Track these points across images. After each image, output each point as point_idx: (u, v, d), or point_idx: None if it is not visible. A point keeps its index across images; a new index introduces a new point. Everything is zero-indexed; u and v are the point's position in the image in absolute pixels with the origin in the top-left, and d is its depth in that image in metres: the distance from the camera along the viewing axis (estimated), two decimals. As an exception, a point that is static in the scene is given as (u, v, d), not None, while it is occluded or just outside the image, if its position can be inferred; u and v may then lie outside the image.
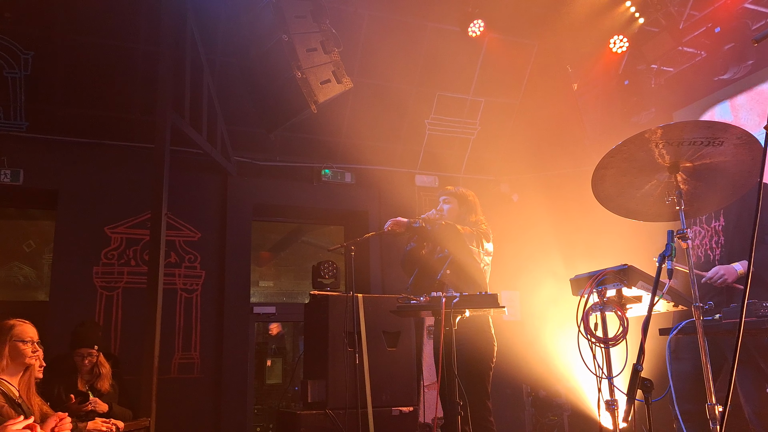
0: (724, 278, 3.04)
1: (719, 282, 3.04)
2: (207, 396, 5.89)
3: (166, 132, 4.96)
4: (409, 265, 3.88)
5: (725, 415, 1.69)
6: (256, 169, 6.59)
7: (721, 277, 3.04)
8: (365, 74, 6.27)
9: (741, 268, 3.06)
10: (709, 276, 3.07)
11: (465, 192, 3.92)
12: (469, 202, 3.86)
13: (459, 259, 3.59)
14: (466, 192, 3.92)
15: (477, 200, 3.93)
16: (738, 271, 3.05)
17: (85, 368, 4.08)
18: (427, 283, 3.67)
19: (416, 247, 3.86)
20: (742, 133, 2.21)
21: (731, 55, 5.45)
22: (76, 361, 4.06)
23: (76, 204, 5.86)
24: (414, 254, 3.86)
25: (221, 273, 6.22)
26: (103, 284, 5.79)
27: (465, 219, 3.82)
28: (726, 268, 3.07)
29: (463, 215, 3.83)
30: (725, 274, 3.04)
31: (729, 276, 3.04)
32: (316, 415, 4.30)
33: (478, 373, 3.48)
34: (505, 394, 6.14)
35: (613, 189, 2.53)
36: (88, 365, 4.08)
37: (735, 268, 3.06)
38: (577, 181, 5.21)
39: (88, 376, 4.10)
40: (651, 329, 2.14)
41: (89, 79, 5.65)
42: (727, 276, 3.04)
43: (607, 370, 2.44)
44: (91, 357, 4.09)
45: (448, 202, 3.87)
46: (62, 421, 2.77)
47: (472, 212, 3.85)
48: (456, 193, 3.90)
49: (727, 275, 3.04)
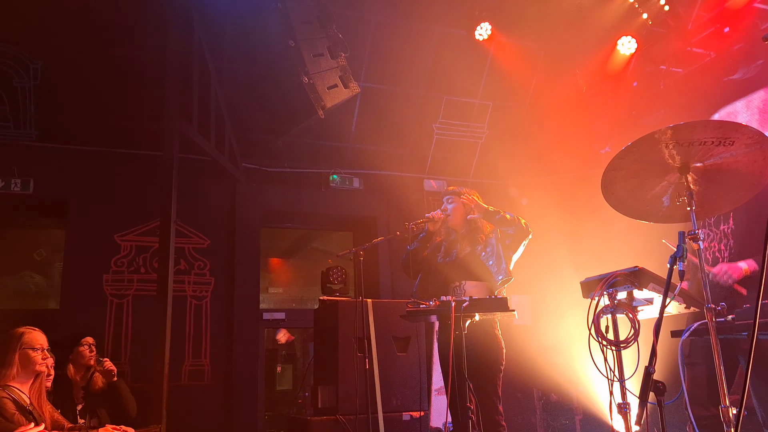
0: (729, 274, 3.00)
1: (725, 279, 3.00)
2: (217, 403, 5.88)
3: (174, 139, 4.99)
4: (414, 267, 3.86)
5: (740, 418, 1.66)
6: (264, 175, 6.60)
7: (725, 273, 3.00)
8: (372, 79, 6.27)
9: (746, 266, 3.01)
10: (714, 272, 3.03)
11: (468, 191, 3.90)
12: (473, 202, 3.85)
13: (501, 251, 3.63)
14: (469, 191, 3.91)
15: (480, 198, 3.92)
16: (743, 268, 3.01)
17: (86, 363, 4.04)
18: (432, 288, 3.66)
19: (419, 248, 3.84)
20: (753, 133, 2.18)
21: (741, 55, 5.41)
22: (82, 352, 4.04)
23: (85, 212, 5.90)
24: (417, 255, 3.84)
25: (230, 280, 6.23)
26: (113, 292, 5.81)
27: (470, 220, 3.80)
28: (730, 264, 3.04)
29: (468, 213, 3.82)
30: (729, 270, 3.01)
31: (733, 272, 3.00)
32: (326, 421, 4.28)
33: (488, 377, 3.47)
34: (515, 399, 6.09)
35: (623, 191, 2.51)
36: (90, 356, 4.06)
37: (740, 265, 3.02)
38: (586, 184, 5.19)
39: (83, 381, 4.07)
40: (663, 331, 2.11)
41: (98, 88, 5.69)
42: (732, 272, 3.00)
43: (618, 372, 2.41)
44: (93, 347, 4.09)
45: (453, 202, 3.86)
46: None
47: (477, 209, 3.85)
48: (459, 192, 3.88)
49: (731, 271, 3.01)
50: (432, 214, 3.77)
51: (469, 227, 3.81)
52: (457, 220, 3.82)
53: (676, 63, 5.95)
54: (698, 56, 5.74)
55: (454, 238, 3.84)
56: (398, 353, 4.65)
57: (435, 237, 3.87)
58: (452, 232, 3.86)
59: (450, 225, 3.84)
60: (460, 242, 3.80)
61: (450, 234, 3.86)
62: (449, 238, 3.86)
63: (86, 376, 4.08)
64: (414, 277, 3.87)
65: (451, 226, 3.85)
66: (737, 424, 1.72)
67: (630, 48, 5.97)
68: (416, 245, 3.84)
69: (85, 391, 4.02)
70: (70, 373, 4.00)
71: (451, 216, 3.82)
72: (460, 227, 3.84)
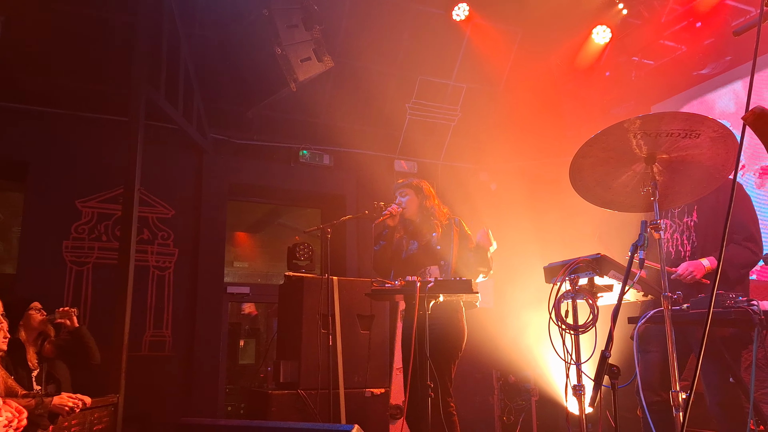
0: (693, 274, 3.08)
1: (689, 278, 3.08)
2: (178, 374, 5.84)
3: (140, 105, 4.86)
4: (384, 266, 3.88)
5: (689, 402, 1.71)
6: (232, 147, 6.49)
7: (690, 273, 3.09)
8: (347, 55, 6.18)
9: (708, 264, 3.10)
10: (679, 272, 3.11)
11: (418, 182, 4.00)
12: (424, 190, 3.94)
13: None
14: (419, 182, 4.00)
15: (430, 187, 4.02)
16: (706, 266, 3.10)
17: (37, 327, 3.94)
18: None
19: (385, 246, 3.85)
20: (718, 127, 2.23)
21: (711, 50, 5.51)
22: (32, 316, 3.93)
23: (46, 176, 5.72)
24: (385, 255, 3.85)
25: (195, 252, 6.15)
26: (72, 259, 5.68)
27: (423, 205, 3.89)
28: (694, 264, 3.12)
29: (421, 203, 3.91)
30: (694, 270, 3.09)
31: (697, 272, 3.09)
32: (287, 395, 4.30)
33: (444, 359, 3.53)
34: (475, 379, 6.21)
35: (590, 179, 2.55)
36: (41, 319, 3.96)
37: (703, 263, 3.11)
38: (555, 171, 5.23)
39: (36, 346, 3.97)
40: (620, 318, 2.17)
41: (62, 48, 5.48)
42: (696, 272, 3.09)
43: (575, 356, 2.47)
44: (42, 310, 3.99)
45: (405, 194, 3.92)
46: (21, 415, 2.74)
47: (428, 198, 3.94)
48: (410, 184, 3.97)
49: (695, 271, 3.09)
50: (389, 210, 3.79)
51: (423, 215, 3.88)
52: (412, 210, 3.89)
53: (647, 55, 6.03)
54: (669, 49, 5.82)
55: (413, 229, 3.90)
56: (362, 331, 4.68)
57: (396, 234, 3.90)
58: (409, 223, 3.92)
59: (406, 217, 3.90)
60: (418, 232, 3.86)
61: (408, 226, 3.92)
62: (408, 229, 3.92)
63: (38, 341, 3.99)
64: (387, 276, 3.88)
65: (408, 218, 3.91)
66: (686, 408, 1.77)
67: (605, 37, 6.02)
68: (382, 244, 3.86)
69: (39, 357, 3.94)
70: (21, 337, 3.90)
71: (406, 208, 3.87)
72: (416, 216, 3.90)
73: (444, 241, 3.74)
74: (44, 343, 3.95)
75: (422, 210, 3.88)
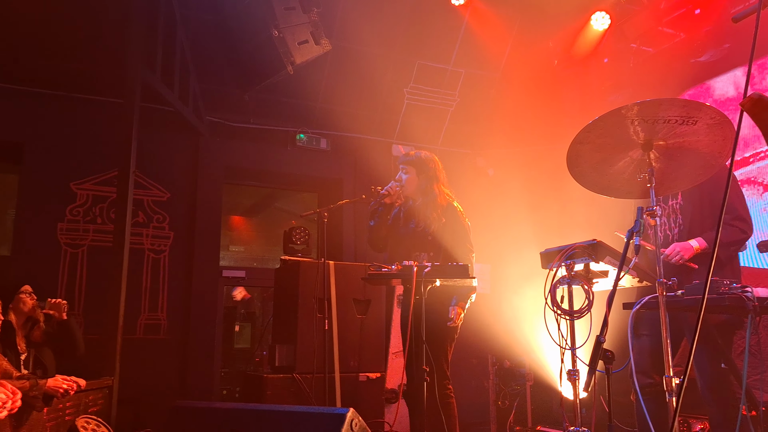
0: (681, 255, 3.09)
1: (677, 258, 3.09)
2: (173, 357, 5.85)
3: (136, 87, 4.83)
4: (379, 243, 3.76)
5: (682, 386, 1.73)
6: (229, 130, 6.45)
7: (677, 254, 3.09)
8: (345, 38, 6.13)
9: (696, 245, 3.11)
10: (667, 253, 3.12)
11: (425, 158, 3.68)
12: (430, 170, 3.65)
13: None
14: (426, 158, 3.68)
15: (439, 166, 3.71)
16: (694, 247, 3.11)
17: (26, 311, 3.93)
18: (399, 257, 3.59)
19: (380, 223, 3.69)
20: (716, 113, 2.22)
21: (709, 38, 5.48)
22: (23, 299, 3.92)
23: (41, 158, 5.68)
24: (380, 231, 3.71)
25: (190, 235, 6.14)
26: (67, 241, 5.67)
27: (425, 189, 3.65)
28: (682, 244, 3.13)
29: (423, 185, 3.66)
30: (681, 251, 3.10)
31: (685, 253, 3.10)
32: (283, 379, 4.32)
33: (441, 343, 3.49)
34: (470, 364, 6.24)
35: (587, 165, 2.54)
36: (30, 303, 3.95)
37: (691, 244, 3.12)
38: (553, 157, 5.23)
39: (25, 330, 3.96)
40: (615, 303, 2.17)
41: (57, 28, 5.41)
42: (684, 253, 3.10)
43: (570, 341, 2.48)
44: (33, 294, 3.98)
45: (407, 172, 3.67)
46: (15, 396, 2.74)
47: (434, 181, 3.66)
48: (414, 160, 3.67)
49: (683, 252, 3.10)
50: (387, 188, 3.62)
51: (423, 194, 3.66)
52: (411, 189, 3.68)
53: (646, 42, 5.99)
54: (668, 36, 5.79)
55: (411, 206, 3.71)
56: (358, 315, 4.70)
57: (391, 210, 3.73)
58: (409, 199, 3.74)
59: (405, 194, 3.71)
60: (416, 212, 3.67)
61: (407, 201, 3.74)
62: (407, 204, 3.74)
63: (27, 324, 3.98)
64: (382, 252, 3.79)
65: (407, 195, 3.72)
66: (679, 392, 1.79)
67: (604, 24, 5.99)
68: (377, 221, 3.69)
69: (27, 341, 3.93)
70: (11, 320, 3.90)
71: (405, 186, 3.66)
72: (415, 195, 3.69)
73: (440, 224, 3.58)
74: (33, 329, 3.94)
75: (422, 189, 3.65)
